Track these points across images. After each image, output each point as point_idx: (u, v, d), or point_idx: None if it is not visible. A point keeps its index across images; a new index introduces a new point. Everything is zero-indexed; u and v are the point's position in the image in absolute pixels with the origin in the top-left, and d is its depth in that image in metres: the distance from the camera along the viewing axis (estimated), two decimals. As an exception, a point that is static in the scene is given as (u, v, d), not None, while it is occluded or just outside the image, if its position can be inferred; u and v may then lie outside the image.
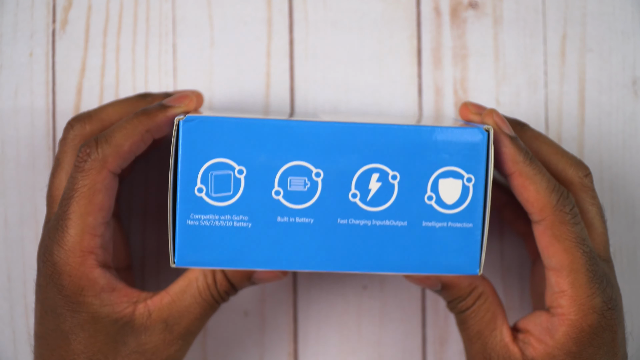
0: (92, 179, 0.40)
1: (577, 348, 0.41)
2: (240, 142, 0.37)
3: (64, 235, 0.40)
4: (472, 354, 0.44)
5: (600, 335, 0.41)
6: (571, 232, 0.40)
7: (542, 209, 0.40)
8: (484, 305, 0.43)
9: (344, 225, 0.37)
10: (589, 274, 0.40)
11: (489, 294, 0.43)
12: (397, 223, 0.37)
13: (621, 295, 0.42)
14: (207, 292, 0.42)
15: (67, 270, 0.40)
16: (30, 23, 0.49)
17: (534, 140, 0.43)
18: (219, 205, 0.37)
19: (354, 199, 0.37)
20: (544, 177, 0.40)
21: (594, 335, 0.40)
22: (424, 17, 0.50)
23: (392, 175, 0.37)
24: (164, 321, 0.41)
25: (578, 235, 0.40)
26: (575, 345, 0.40)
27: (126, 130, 0.40)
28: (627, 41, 0.50)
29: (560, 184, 0.40)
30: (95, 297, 0.40)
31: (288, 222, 0.37)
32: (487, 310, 0.43)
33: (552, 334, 0.41)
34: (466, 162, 0.37)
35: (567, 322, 0.40)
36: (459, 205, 0.37)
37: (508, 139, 0.39)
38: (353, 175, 0.37)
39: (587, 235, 0.41)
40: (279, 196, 0.37)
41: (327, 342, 0.50)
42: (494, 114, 0.40)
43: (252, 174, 0.37)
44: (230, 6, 0.49)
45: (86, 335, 0.40)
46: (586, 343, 0.40)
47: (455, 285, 0.43)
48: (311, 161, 0.37)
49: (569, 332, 0.40)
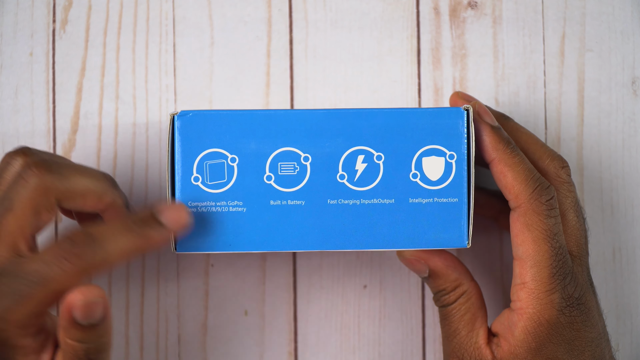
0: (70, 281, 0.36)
1: (536, 344, 0.41)
2: (231, 132, 0.39)
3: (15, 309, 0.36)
4: (447, 351, 0.44)
5: (560, 332, 0.41)
6: (542, 224, 0.40)
7: (518, 195, 0.40)
8: (465, 305, 0.44)
9: (334, 205, 0.40)
10: (552, 269, 0.40)
11: (472, 294, 0.44)
12: (385, 201, 0.40)
13: (594, 298, 0.42)
14: None
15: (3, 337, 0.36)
16: (31, 23, 0.49)
17: (514, 131, 0.44)
18: (214, 192, 0.39)
19: (342, 180, 0.40)
20: (523, 165, 0.40)
21: (553, 331, 0.40)
22: (423, 17, 0.50)
23: (377, 155, 0.40)
24: None
25: (549, 228, 0.40)
26: (534, 341, 0.41)
27: (126, 249, 0.37)
28: (626, 41, 0.50)
29: (542, 176, 0.41)
30: None
31: (280, 205, 0.39)
32: (467, 310, 0.43)
33: (513, 331, 0.41)
34: (447, 140, 0.39)
35: (525, 315, 0.41)
36: (443, 181, 0.40)
37: (489, 127, 0.41)
38: (340, 158, 0.39)
39: (560, 230, 0.41)
40: (271, 181, 0.39)
41: (327, 342, 0.50)
42: (477, 104, 0.41)
43: (244, 162, 0.39)
44: (230, 6, 0.49)
45: None
46: (545, 339, 0.41)
47: (441, 276, 0.44)
48: (299, 146, 0.39)
49: (527, 327, 0.41)
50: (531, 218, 0.40)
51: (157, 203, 0.39)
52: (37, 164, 0.39)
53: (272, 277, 0.50)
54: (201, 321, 0.50)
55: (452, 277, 0.44)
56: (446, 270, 0.43)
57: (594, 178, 0.50)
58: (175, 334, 0.50)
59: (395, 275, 0.50)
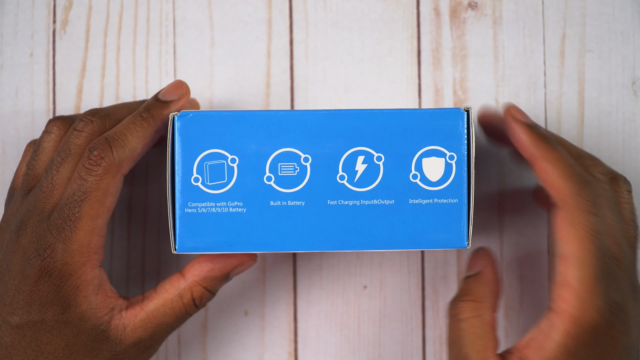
0: (106, 183, 0.40)
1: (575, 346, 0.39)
2: (231, 133, 0.39)
3: (71, 236, 0.40)
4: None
5: (597, 337, 0.39)
6: (587, 221, 0.39)
7: (562, 192, 0.39)
8: (478, 329, 0.41)
9: (334, 206, 0.39)
10: (597, 270, 0.39)
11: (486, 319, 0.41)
12: (385, 202, 0.39)
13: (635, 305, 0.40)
14: (183, 311, 0.43)
15: (69, 270, 0.40)
16: (31, 23, 0.49)
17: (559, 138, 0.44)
18: (214, 193, 0.39)
19: (341, 181, 0.39)
20: (566, 161, 0.40)
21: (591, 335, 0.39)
22: (423, 18, 0.50)
23: (377, 156, 0.39)
24: (138, 339, 0.42)
25: (594, 226, 0.39)
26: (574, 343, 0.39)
27: (138, 132, 0.41)
28: (626, 41, 0.50)
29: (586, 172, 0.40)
30: (86, 297, 0.40)
31: (280, 205, 0.39)
32: (480, 337, 0.41)
33: (550, 332, 0.39)
34: (447, 141, 0.39)
35: (567, 316, 0.39)
36: (443, 182, 0.39)
37: (524, 125, 0.40)
38: (340, 159, 0.39)
39: (604, 230, 0.39)
40: (271, 182, 0.39)
41: (327, 342, 0.50)
42: (510, 107, 0.41)
43: (244, 162, 0.39)
44: (230, 6, 0.49)
45: (70, 332, 0.40)
46: (582, 342, 0.39)
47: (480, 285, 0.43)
48: (299, 147, 0.39)
49: (568, 328, 0.39)
50: (576, 215, 0.39)
51: None
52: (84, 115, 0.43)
53: (272, 277, 0.50)
54: (201, 321, 0.50)
55: (481, 291, 0.42)
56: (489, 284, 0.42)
57: (594, 178, 0.50)
58: (175, 334, 0.50)
59: (395, 275, 0.50)
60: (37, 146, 0.44)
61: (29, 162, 0.44)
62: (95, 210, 0.40)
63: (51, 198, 0.41)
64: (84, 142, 0.42)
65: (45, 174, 0.41)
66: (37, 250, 0.40)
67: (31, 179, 0.43)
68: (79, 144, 0.42)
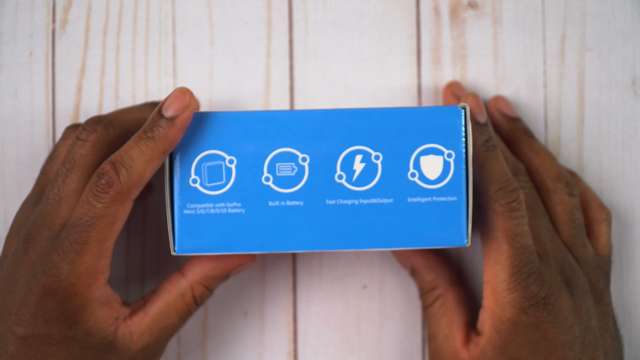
0: (114, 210, 0.39)
1: (500, 342, 0.41)
2: (229, 134, 0.39)
3: (78, 259, 0.39)
4: (430, 352, 0.45)
5: (523, 332, 0.41)
6: (503, 224, 0.40)
7: (484, 195, 0.41)
8: (441, 309, 0.45)
9: (332, 205, 0.39)
10: (513, 268, 0.40)
11: (447, 298, 0.45)
12: (383, 200, 0.39)
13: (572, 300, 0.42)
14: (185, 310, 0.43)
15: (74, 290, 0.40)
16: (30, 23, 0.49)
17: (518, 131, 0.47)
18: (213, 194, 0.39)
19: (340, 180, 0.39)
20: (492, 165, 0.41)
21: (515, 330, 0.41)
22: (423, 17, 0.50)
23: (374, 155, 0.39)
24: (146, 344, 0.42)
25: (509, 229, 0.40)
26: (499, 339, 0.41)
27: (145, 156, 0.39)
28: (626, 41, 0.50)
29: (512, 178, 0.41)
30: (92, 315, 0.40)
31: (279, 205, 0.39)
32: (444, 315, 0.44)
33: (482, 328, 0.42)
34: (445, 139, 0.39)
35: (490, 312, 0.42)
36: (441, 180, 0.39)
37: (474, 123, 0.42)
38: (337, 158, 0.39)
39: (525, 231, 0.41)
40: (269, 182, 0.39)
41: (327, 342, 0.50)
42: (469, 98, 0.42)
43: (242, 163, 0.39)
44: (230, 6, 0.49)
45: (77, 347, 0.40)
46: (508, 337, 0.41)
47: (420, 274, 0.45)
48: (297, 147, 0.39)
49: (492, 324, 0.41)
50: (493, 219, 0.41)
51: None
52: (87, 124, 0.42)
53: (272, 277, 0.50)
54: (201, 321, 0.50)
55: (428, 278, 0.45)
56: (424, 270, 0.44)
57: (594, 178, 0.50)
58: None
59: (395, 275, 0.50)
60: (52, 152, 0.44)
61: (43, 167, 0.44)
62: (104, 235, 0.39)
63: (59, 211, 0.41)
64: (88, 152, 0.41)
65: (51, 185, 0.41)
66: (43, 267, 0.40)
67: (44, 184, 0.44)
68: (84, 153, 0.41)
